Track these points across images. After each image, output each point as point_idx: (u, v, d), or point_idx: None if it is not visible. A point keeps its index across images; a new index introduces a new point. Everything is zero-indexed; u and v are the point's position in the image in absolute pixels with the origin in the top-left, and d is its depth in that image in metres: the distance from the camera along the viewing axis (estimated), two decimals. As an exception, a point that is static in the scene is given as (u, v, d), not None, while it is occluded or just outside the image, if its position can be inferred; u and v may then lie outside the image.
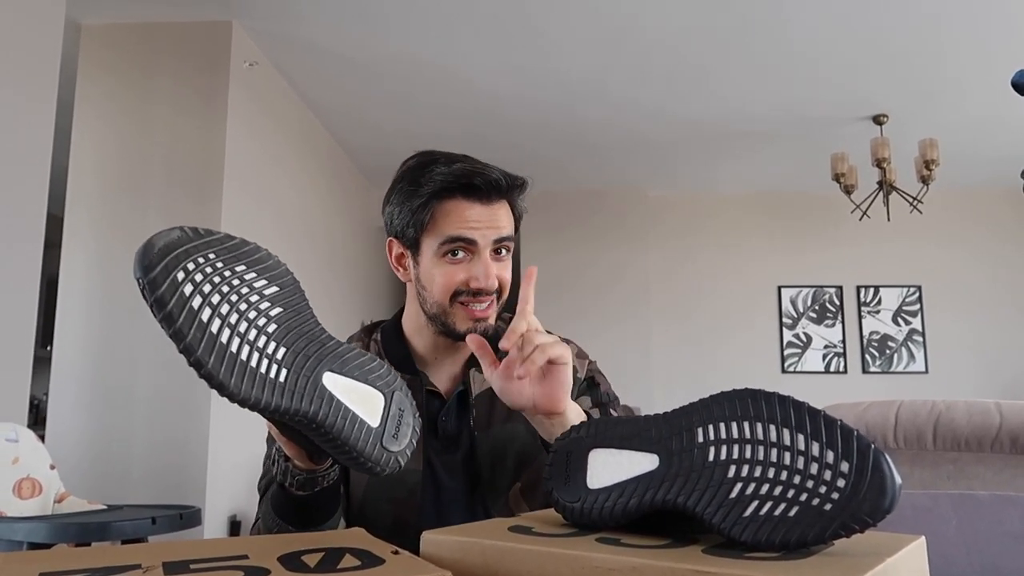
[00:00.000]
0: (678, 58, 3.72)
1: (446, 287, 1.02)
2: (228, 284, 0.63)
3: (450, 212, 1.02)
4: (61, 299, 3.17)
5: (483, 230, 1.02)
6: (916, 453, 1.60)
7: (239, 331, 0.62)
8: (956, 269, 5.62)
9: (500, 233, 1.03)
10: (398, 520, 1.02)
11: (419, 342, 1.12)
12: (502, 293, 1.07)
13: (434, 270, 1.03)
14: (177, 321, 0.60)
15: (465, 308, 1.03)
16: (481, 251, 1.02)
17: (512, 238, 1.06)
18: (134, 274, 0.60)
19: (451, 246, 1.02)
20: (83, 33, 3.32)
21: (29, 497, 1.83)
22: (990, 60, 3.66)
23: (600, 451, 0.64)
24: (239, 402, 0.63)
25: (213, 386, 0.61)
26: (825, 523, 0.51)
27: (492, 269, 1.03)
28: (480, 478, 1.05)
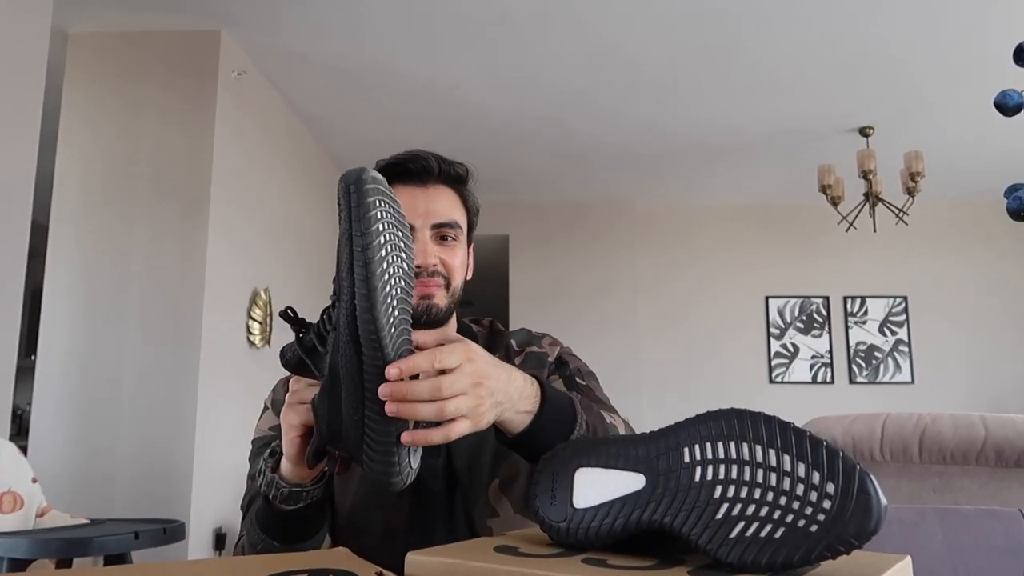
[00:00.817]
0: (665, 72, 3.74)
1: None
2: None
3: None
4: (45, 308, 3.14)
5: (420, 214, 1.04)
6: (902, 466, 1.61)
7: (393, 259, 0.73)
8: (942, 280, 5.67)
9: (438, 218, 1.05)
10: (387, 526, 1.02)
11: None
12: (451, 278, 1.07)
13: None
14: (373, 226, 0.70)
15: None
16: (419, 233, 1.04)
17: (455, 225, 1.07)
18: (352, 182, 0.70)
19: None
20: (70, 41, 3.30)
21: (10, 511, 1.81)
22: (974, 74, 3.70)
23: (586, 470, 0.63)
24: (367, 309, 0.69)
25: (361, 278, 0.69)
26: (811, 544, 0.51)
27: (430, 248, 1.04)
28: (458, 479, 1.05)
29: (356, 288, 0.69)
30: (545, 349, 1.15)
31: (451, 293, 1.07)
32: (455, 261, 1.07)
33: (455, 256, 1.07)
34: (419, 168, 1.06)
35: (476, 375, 0.75)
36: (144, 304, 3.12)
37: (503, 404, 0.79)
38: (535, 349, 1.15)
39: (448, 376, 0.72)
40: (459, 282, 1.09)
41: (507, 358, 1.13)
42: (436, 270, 1.05)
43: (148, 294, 3.13)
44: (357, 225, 0.70)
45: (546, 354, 1.14)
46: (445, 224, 1.06)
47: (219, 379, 3.21)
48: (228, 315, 3.40)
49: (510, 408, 0.80)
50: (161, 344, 3.09)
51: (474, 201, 1.12)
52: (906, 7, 3.16)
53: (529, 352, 1.14)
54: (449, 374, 0.73)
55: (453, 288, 1.07)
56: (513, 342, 1.16)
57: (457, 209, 1.09)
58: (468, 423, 0.74)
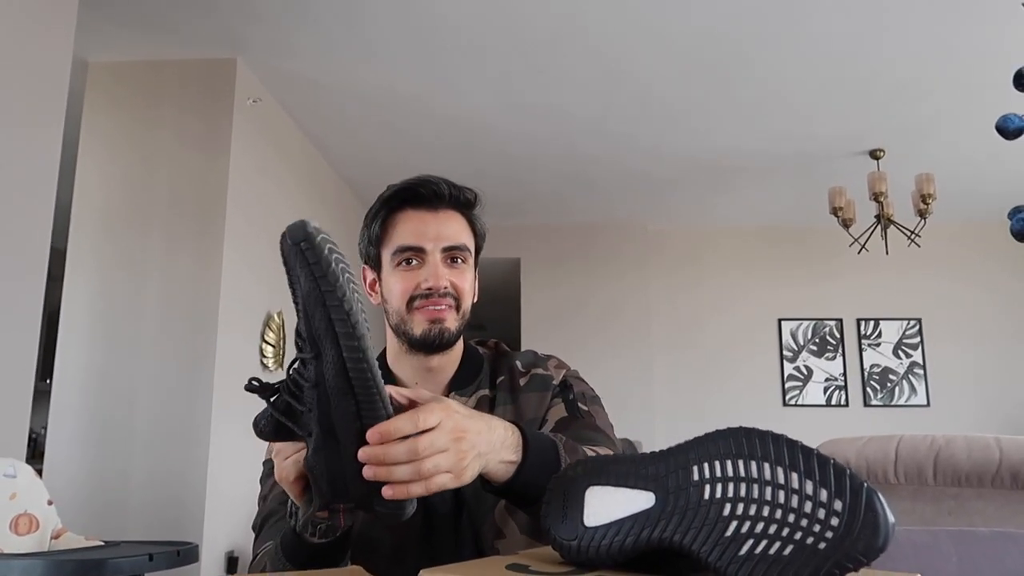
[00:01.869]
0: (675, 95, 3.77)
1: (402, 293, 1.07)
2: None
3: (399, 224, 1.09)
4: (62, 332, 3.18)
5: (431, 237, 1.07)
6: (917, 488, 1.59)
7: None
8: (956, 302, 5.63)
9: (449, 241, 1.08)
10: (397, 547, 1.03)
11: (400, 370, 1.14)
12: (460, 300, 1.09)
13: (391, 280, 1.09)
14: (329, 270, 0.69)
15: (421, 311, 1.07)
16: (430, 255, 1.07)
17: (465, 248, 1.10)
18: (297, 239, 0.69)
19: (403, 255, 1.08)
20: (90, 70, 3.37)
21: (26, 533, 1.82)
22: (984, 95, 3.71)
23: (597, 488, 0.64)
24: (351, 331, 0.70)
25: (342, 317, 0.69)
26: (819, 562, 0.52)
27: (441, 271, 1.07)
28: (466, 501, 1.05)
29: (342, 342, 0.69)
30: (550, 372, 1.16)
31: (461, 315, 1.09)
32: (465, 284, 1.09)
33: (465, 279, 1.09)
34: (430, 193, 1.08)
35: (456, 430, 0.75)
36: (159, 328, 3.15)
37: (486, 455, 0.80)
38: (540, 371, 1.15)
39: (427, 435, 0.73)
40: (468, 305, 1.11)
41: (511, 379, 1.14)
42: (447, 291, 1.07)
43: (163, 318, 3.16)
44: (323, 281, 0.68)
45: (551, 377, 1.15)
46: (455, 247, 1.08)
47: (233, 403, 3.23)
48: (242, 339, 3.42)
49: (493, 458, 0.81)
50: (175, 368, 3.11)
51: (481, 226, 1.15)
52: (915, 29, 3.19)
53: (534, 374, 1.15)
54: (428, 433, 0.73)
55: (463, 311, 1.10)
56: (518, 363, 1.17)
57: (466, 233, 1.11)
58: (449, 477, 0.75)
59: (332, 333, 0.70)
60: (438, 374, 1.13)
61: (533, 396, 1.12)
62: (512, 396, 1.13)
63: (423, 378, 1.13)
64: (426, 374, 1.12)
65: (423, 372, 1.12)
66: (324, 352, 0.71)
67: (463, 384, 1.14)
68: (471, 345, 1.20)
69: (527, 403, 1.12)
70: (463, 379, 1.14)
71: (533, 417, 1.11)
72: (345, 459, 0.73)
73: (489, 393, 1.14)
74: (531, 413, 1.11)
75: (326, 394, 0.72)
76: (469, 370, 1.15)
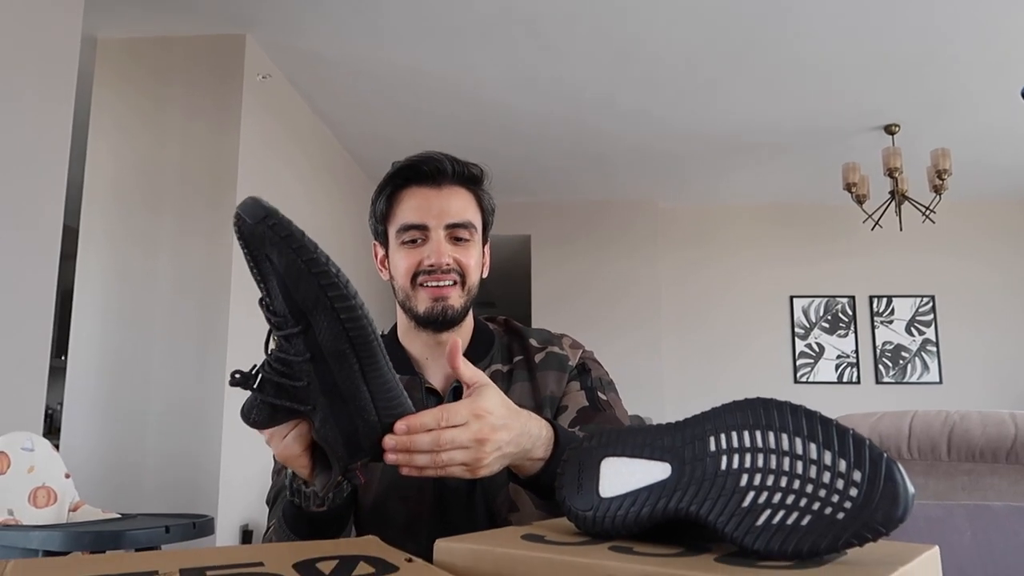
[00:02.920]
0: (687, 70, 3.72)
1: (407, 270, 1.07)
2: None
3: (403, 201, 1.09)
4: (76, 309, 3.20)
5: (434, 214, 1.07)
6: (930, 464, 1.59)
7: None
8: (970, 279, 5.58)
9: (452, 218, 1.07)
10: (410, 520, 1.04)
11: (410, 345, 1.14)
12: (466, 277, 1.08)
13: (396, 257, 1.10)
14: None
15: (424, 288, 1.07)
16: (433, 233, 1.07)
17: (470, 225, 1.09)
18: (258, 216, 0.68)
19: (406, 233, 1.07)
20: (99, 47, 3.36)
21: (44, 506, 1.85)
22: (1001, 70, 3.65)
23: (612, 460, 0.64)
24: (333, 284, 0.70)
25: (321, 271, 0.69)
26: (838, 532, 0.51)
27: (444, 247, 1.06)
28: None
29: (337, 305, 0.70)
30: (566, 351, 1.16)
31: (466, 292, 1.09)
32: (470, 261, 1.09)
33: (470, 256, 1.09)
34: (432, 170, 1.08)
35: (481, 432, 0.78)
36: (172, 305, 3.17)
37: (513, 455, 0.82)
38: (556, 350, 1.15)
39: (450, 431, 0.76)
40: (474, 281, 1.10)
41: (527, 356, 1.14)
42: (450, 268, 1.06)
43: (176, 295, 3.18)
44: (303, 251, 0.68)
45: (567, 356, 1.15)
46: (459, 224, 1.08)
47: (245, 378, 3.25)
48: (254, 315, 3.43)
49: (522, 456, 0.84)
50: (189, 344, 3.14)
51: (489, 201, 1.14)
52: (932, 3, 3.13)
53: (550, 351, 1.15)
54: (452, 429, 0.77)
55: (468, 287, 1.09)
56: (533, 340, 1.17)
57: (471, 209, 1.10)
58: (463, 469, 0.78)
59: (325, 299, 0.69)
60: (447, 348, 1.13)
61: (550, 374, 1.12)
62: (529, 373, 1.13)
63: (433, 353, 1.12)
64: (436, 349, 1.12)
65: (433, 347, 1.12)
66: (315, 322, 0.70)
67: (475, 359, 1.13)
68: (481, 321, 1.19)
69: (544, 380, 1.12)
70: (475, 354, 1.13)
71: (550, 394, 1.11)
72: (356, 417, 0.74)
73: (503, 368, 1.14)
74: (547, 390, 1.11)
75: (324, 362, 0.72)
76: (480, 345, 1.15)
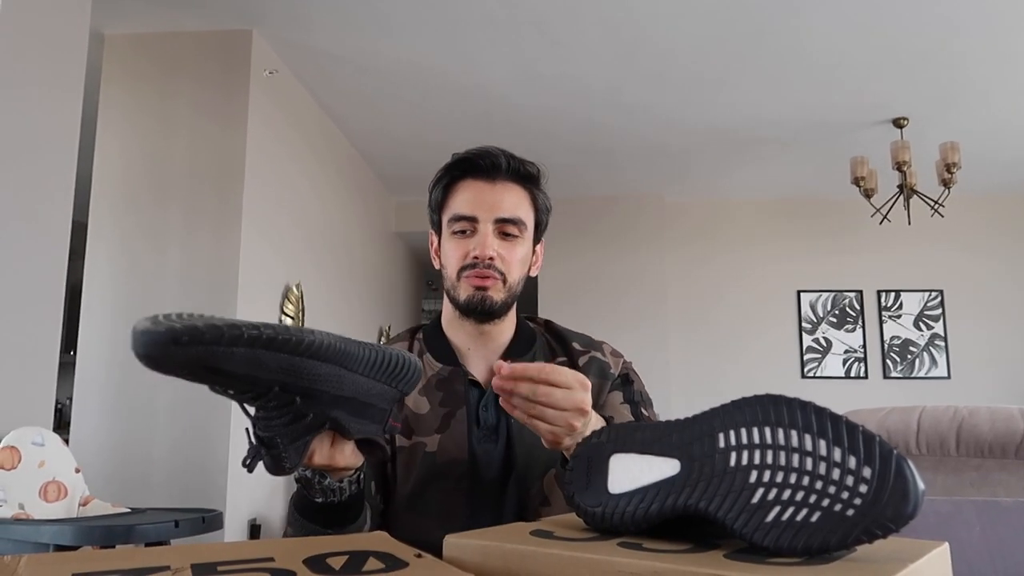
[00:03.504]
0: (694, 64, 3.71)
1: (455, 261, 1.10)
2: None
3: (458, 192, 1.12)
4: (85, 304, 3.21)
5: (485, 207, 1.09)
6: (939, 459, 1.59)
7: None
8: (979, 274, 5.55)
9: (502, 213, 1.09)
10: (445, 508, 1.06)
11: (454, 334, 1.16)
12: (508, 274, 1.10)
13: (447, 246, 1.12)
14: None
15: (468, 279, 1.09)
16: (481, 226, 1.08)
17: (519, 222, 1.11)
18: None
19: (457, 224, 1.10)
20: (107, 43, 3.37)
21: (55, 500, 1.86)
22: (1012, 63, 3.62)
23: (621, 456, 0.64)
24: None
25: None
26: (847, 528, 0.51)
27: (490, 241, 1.08)
28: (516, 465, 1.07)
29: (279, 354, 0.68)
30: (608, 359, 1.17)
31: (508, 288, 1.11)
32: (515, 257, 1.11)
33: (515, 252, 1.11)
34: (487, 164, 1.10)
35: (584, 402, 0.84)
36: (180, 299, 3.18)
37: (581, 435, 0.85)
38: (598, 355, 1.17)
39: (548, 389, 0.83)
40: (517, 278, 1.12)
41: (571, 358, 1.17)
42: (493, 264, 1.08)
43: (184, 289, 3.19)
44: (236, 351, 0.64)
45: (609, 365, 1.16)
46: (508, 220, 1.10)
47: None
48: (262, 310, 3.45)
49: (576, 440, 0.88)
50: (196, 339, 3.14)
51: (544, 200, 1.16)
52: (941, -5, 3.11)
53: (593, 356, 1.17)
54: (552, 388, 0.83)
55: (510, 283, 1.11)
56: (576, 344, 1.19)
57: (523, 206, 1.12)
58: (549, 430, 0.84)
59: (285, 359, 0.68)
60: (490, 341, 1.15)
61: (593, 379, 1.13)
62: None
63: (475, 343, 1.15)
64: (479, 339, 1.15)
65: (476, 337, 1.15)
66: (289, 381, 0.70)
67: (518, 353, 1.16)
68: (523, 319, 1.22)
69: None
70: (517, 350, 1.16)
71: (594, 395, 1.13)
72: (370, 398, 0.77)
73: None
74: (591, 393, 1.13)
75: (311, 391, 0.72)
76: (522, 342, 1.18)
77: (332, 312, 4.31)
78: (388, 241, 5.72)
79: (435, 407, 1.10)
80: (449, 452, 1.07)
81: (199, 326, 0.62)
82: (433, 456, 1.07)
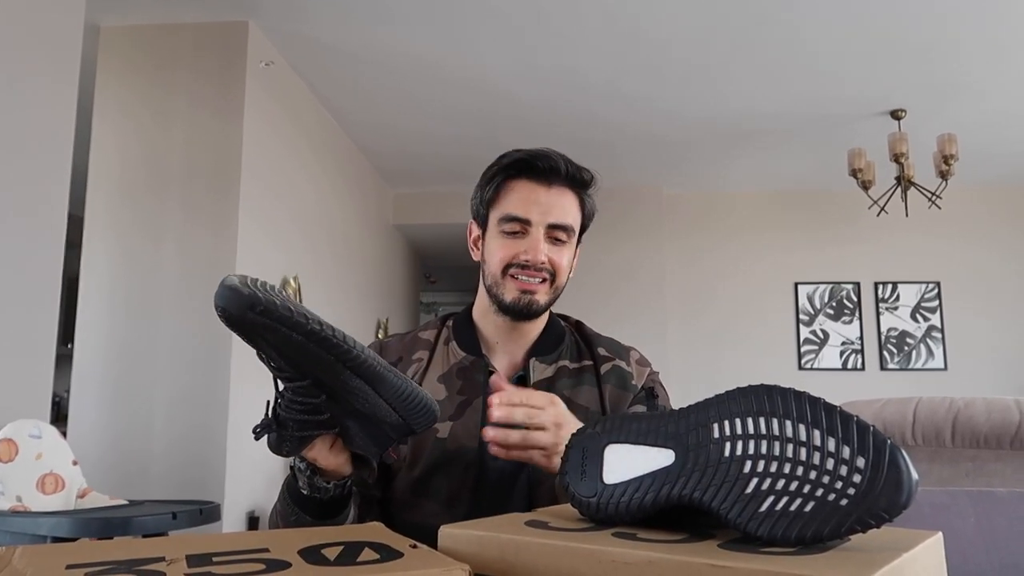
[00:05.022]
0: (693, 57, 3.70)
1: (501, 259, 1.11)
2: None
3: (512, 191, 1.12)
4: (82, 297, 3.21)
5: (539, 211, 1.10)
6: (934, 450, 1.59)
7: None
8: (976, 265, 5.56)
9: (555, 219, 1.10)
10: (451, 495, 1.07)
11: (485, 326, 1.18)
12: (556, 277, 1.13)
13: (493, 243, 1.13)
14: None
15: (515, 280, 1.11)
16: (534, 229, 1.10)
17: (570, 228, 1.12)
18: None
19: (508, 224, 1.11)
20: (102, 35, 3.36)
21: (52, 492, 1.86)
22: (1009, 55, 3.62)
23: (616, 446, 0.64)
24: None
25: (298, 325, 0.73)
26: (841, 518, 0.52)
27: (541, 246, 1.10)
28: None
29: (338, 360, 0.75)
30: (631, 369, 1.18)
31: (553, 290, 1.14)
32: (563, 261, 1.13)
33: (563, 257, 1.13)
34: (546, 167, 1.11)
35: (559, 416, 0.89)
36: (177, 292, 3.18)
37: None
38: (622, 365, 1.18)
39: (535, 410, 0.88)
40: (562, 280, 1.15)
41: (595, 363, 1.18)
42: (544, 267, 1.10)
43: (181, 281, 3.19)
44: (296, 327, 0.72)
45: (631, 375, 1.17)
46: (560, 226, 1.11)
47: (251, 365, 3.26)
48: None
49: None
50: (194, 331, 3.14)
51: (591, 205, 1.18)
52: (940, -15, 3.10)
53: (616, 366, 1.18)
54: (535, 409, 0.88)
55: (556, 286, 1.14)
56: (602, 349, 1.20)
57: (573, 212, 1.14)
58: (542, 455, 0.89)
59: (327, 358, 0.75)
60: (520, 337, 1.17)
61: (612, 389, 1.16)
62: (596, 379, 1.16)
63: (505, 338, 1.17)
64: (509, 334, 1.16)
65: (507, 332, 1.16)
66: (322, 374, 0.76)
67: (545, 351, 1.17)
68: (554, 315, 1.23)
69: (606, 392, 1.15)
70: (545, 346, 1.17)
71: (611, 406, 1.15)
72: (383, 423, 0.81)
73: (571, 365, 1.17)
74: (608, 403, 1.15)
75: (339, 395, 0.78)
76: (551, 339, 1.19)
77: (330, 304, 4.31)
78: (386, 233, 5.71)
79: (452, 395, 1.12)
80: (460, 440, 1.08)
81: (276, 303, 0.70)
82: (444, 442, 1.08)
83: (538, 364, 1.15)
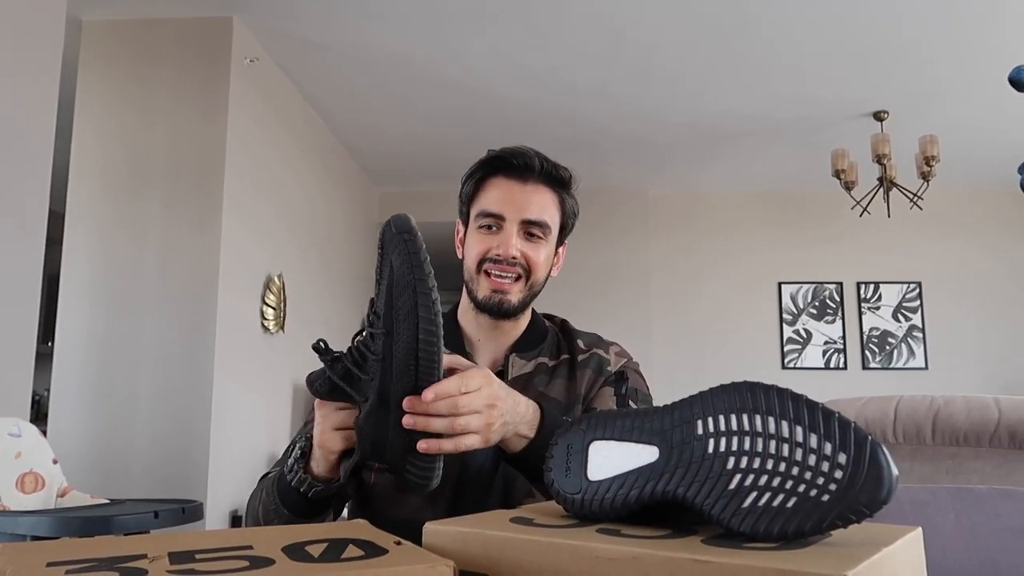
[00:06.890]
0: (677, 59, 3.72)
1: (476, 255, 1.12)
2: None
3: (489, 188, 1.13)
4: (62, 295, 3.18)
5: (513, 207, 1.10)
6: (915, 448, 1.61)
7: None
8: (956, 266, 5.62)
9: (529, 215, 1.11)
10: (434, 490, 1.06)
11: (467, 324, 1.19)
12: (531, 274, 1.12)
13: (471, 239, 1.14)
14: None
15: (488, 277, 1.11)
16: (507, 224, 1.10)
17: (546, 225, 1.12)
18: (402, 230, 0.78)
19: (484, 220, 1.11)
20: (84, 29, 3.32)
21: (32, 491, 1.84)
22: (990, 57, 3.66)
23: (601, 443, 0.64)
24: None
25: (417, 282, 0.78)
26: (823, 514, 0.52)
27: (513, 241, 1.10)
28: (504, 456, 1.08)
29: (421, 325, 0.78)
30: (609, 356, 1.19)
31: (528, 287, 1.14)
32: (538, 258, 1.13)
33: (539, 253, 1.13)
34: (521, 164, 1.12)
35: (491, 397, 0.85)
36: (160, 290, 3.15)
37: (509, 425, 0.89)
38: (599, 353, 1.18)
39: (466, 396, 0.83)
40: (537, 278, 1.14)
41: (572, 355, 1.18)
42: (516, 262, 1.10)
43: (164, 279, 3.16)
44: (419, 270, 0.77)
45: (608, 361, 1.18)
46: (534, 221, 1.11)
47: (234, 363, 3.24)
48: (243, 300, 3.43)
49: (512, 429, 0.90)
50: (177, 329, 3.12)
51: (572, 205, 1.18)
52: (922, -11, 3.13)
53: (593, 353, 1.18)
54: (467, 395, 0.83)
55: (531, 283, 1.13)
56: (580, 342, 1.20)
57: (551, 209, 1.14)
58: (477, 438, 0.84)
59: (414, 316, 0.77)
60: (501, 335, 1.17)
61: (587, 373, 1.16)
62: (570, 371, 1.17)
63: (486, 336, 1.17)
64: (490, 332, 1.17)
65: (488, 330, 1.17)
66: (398, 332, 0.78)
67: (525, 348, 1.17)
68: (539, 316, 1.24)
69: (581, 378, 1.15)
70: (525, 344, 1.18)
71: (583, 393, 1.14)
72: (391, 427, 0.81)
73: (549, 363, 1.17)
74: (581, 388, 1.14)
75: (391, 368, 0.79)
76: (532, 337, 1.19)
77: (315, 303, 4.29)
78: (371, 232, 5.69)
79: None
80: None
81: (420, 248, 0.77)
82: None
83: (517, 360, 1.15)
